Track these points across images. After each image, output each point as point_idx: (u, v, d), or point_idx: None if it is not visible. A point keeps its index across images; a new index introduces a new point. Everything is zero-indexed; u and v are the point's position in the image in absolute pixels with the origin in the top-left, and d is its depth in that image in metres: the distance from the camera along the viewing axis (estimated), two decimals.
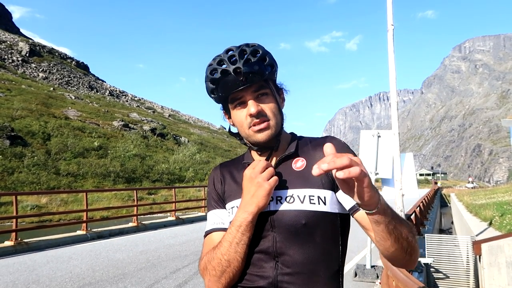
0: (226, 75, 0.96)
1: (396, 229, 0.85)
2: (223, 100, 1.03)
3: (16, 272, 5.93)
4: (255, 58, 0.97)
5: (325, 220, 0.96)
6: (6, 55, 62.13)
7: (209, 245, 1.04)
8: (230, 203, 1.06)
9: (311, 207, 0.95)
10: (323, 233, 0.96)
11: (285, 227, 0.95)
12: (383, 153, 6.05)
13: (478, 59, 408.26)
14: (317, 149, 1.03)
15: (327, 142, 0.93)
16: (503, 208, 14.91)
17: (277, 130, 1.00)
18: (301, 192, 0.97)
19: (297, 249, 0.94)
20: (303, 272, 0.94)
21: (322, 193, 0.97)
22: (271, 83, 1.02)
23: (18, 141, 26.77)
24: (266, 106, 0.99)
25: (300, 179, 0.99)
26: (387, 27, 5.54)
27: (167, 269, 6.12)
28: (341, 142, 1.04)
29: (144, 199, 23.85)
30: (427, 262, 7.13)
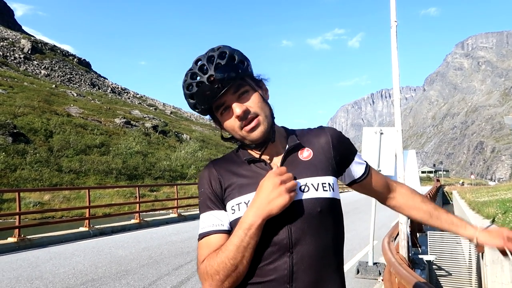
0: (202, 86, 0.95)
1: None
2: (208, 111, 1.03)
3: (20, 268, 5.96)
4: (224, 60, 0.95)
5: (334, 206, 1.00)
6: (8, 52, 62.24)
7: (206, 248, 0.97)
8: (233, 200, 1.00)
9: (325, 194, 0.98)
10: (334, 219, 1.00)
11: (301, 217, 0.95)
12: (386, 150, 6.04)
13: (481, 56, 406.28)
14: (318, 137, 1.07)
15: (327, 131, 1.09)
16: (506, 205, 14.87)
17: (269, 122, 1.00)
18: (314, 180, 0.99)
19: (312, 237, 0.95)
20: (317, 260, 0.95)
21: (330, 180, 1.01)
22: (248, 78, 1.00)
23: (20, 138, 26.86)
24: (251, 102, 0.98)
25: (310, 168, 1.01)
26: (390, 24, 5.50)
27: (170, 265, 6.14)
28: (339, 133, 1.10)
29: (146, 196, 23.92)
30: (430, 259, 7.13)
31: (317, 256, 0.95)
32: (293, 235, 0.94)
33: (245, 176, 1.02)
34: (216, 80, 0.93)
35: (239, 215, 0.97)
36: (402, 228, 5.43)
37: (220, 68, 0.94)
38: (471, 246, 8.78)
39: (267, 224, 0.93)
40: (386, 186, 1.16)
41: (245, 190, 1.00)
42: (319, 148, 1.05)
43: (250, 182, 1.00)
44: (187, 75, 0.99)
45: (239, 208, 0.98)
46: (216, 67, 0.94)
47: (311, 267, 0.94)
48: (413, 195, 1.17)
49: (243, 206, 0.98)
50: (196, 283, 5.18)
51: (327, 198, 0.98)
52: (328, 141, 1.06)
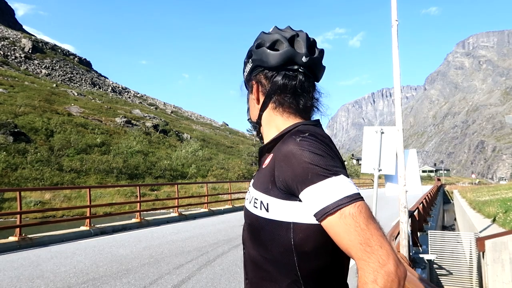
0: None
1: None
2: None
3: (21, 267, 5.97)
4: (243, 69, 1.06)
5: (267, 227, 0.88)
6: (9, 52, 62.27)
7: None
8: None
9: (253, 210, 0.92)
10: (268, 239, 0.88)
11: (246, 220, 0.99)
12: (387, 150, 6.03)
13: (482, 55, 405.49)
14: (279, 147, 0.89)
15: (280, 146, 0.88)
16: (507, 204, 14.86)
17: (257, 127, 1.05)
18: (253, 192, 0.94)
19: (251, 244, 0.96)
20: (258, 267, 0.93)
21: (266, 198, 0.88)
22: (247, 82, 1.07)
23: (21, 137, 26.89)
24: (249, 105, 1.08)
25: (260, 178, 0.93)
26: (391, 23, 5.49)
27: (170, 264, 6.14)
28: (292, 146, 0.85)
29: (146, 195, 23.94)
30: (430, 259, 7.12)
31: (257, 262, 0.93)
32: (243, 233, 1.01)
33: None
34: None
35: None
36: (403, 227, 5.43)
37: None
38: (472, 245, 8.78)
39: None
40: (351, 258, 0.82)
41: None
42: (272, 160, 0.91)
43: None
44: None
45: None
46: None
47: (254, 269, 0.95)
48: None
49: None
50: (196, 282, 5.19)
51: (255, 215, 0.91)
52: (273, 159, 0.89)
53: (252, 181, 1.00)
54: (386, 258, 0.72)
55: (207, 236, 8.94)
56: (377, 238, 0.75)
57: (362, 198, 0.79)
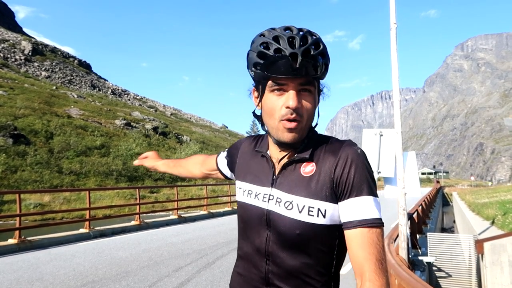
0: (280, 55, 0.87)
1: None
2: (263, 78, 0.93)
3: (20, 270, 5.96)
4: (316, 51, 0.89)
5: (321, 232, 0.92)
6: (9, 54, 62.30)
7: (211, 158, 1.37)
8: (238, 182, 1.10)
9: (309, 219, 0.91)
10: (318, 244, 0.92)
11: (279, 231, 0.94)
12: (386, 152, 6.04)
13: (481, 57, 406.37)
14: (330, 154, 0.94)
15: (342, 151, 0.93)
16: (505, 207, 14.87)
17: (304, 132, 0.95)
18: (301, 200, 0.92)
19: (289, 254, 0.94)
20: (294, 276, 0.94)
21: (323, 205, 0.91)
22: (317, 82, 0.94)
23: (21, 139, 26.87)
24: (305, 105, 0.92)
25: (304, 186, 0.93)
26: (390, 26, 5.52)
27: (170, 267, 6.14)
28: (358, 155, 0.93)
29: (146, 198, 23.91)
30: (430, 261, 7.13)
31: (294, 272, 0.94)
32: (270, 243, 0.96)
33: (254, 167, 1.06)
34: (297, 61, 0.86)
35: (238, 198, 1.08)
36: (402, 229, 5.44)
37: (308, 54, 0.87)
38: (471, 248, 8.78)
39: (253, 224, 0.99)
40: (358, 267, 0.87)
41: (249, 179, 1.06)
42: (325, 167, 0.93)
43: (254, 173, 1.05)
44: (269, 33, 0.91)
45: (238, 192, 1.08)
46: (305, 50, 0.87)
47: (287, 280, 0.94)
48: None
49: (241, 192, 1.06)
50: (196, 284, 5.19)
51: (310, 223, 0.91)
52: (334, 163, 0.93)
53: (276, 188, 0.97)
54: (388, 280, 0.86)
55: (207, 239, 8.94)
56: (386, 262, 0.89)
57: (384, 225, 0.92)
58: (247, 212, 1.02)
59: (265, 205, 0.97)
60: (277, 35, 0.89)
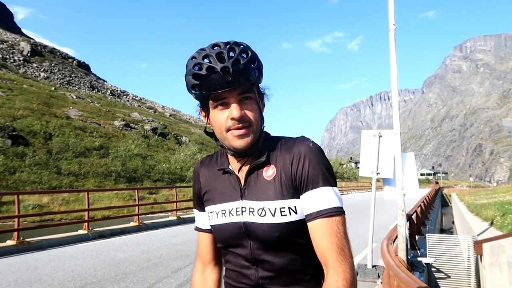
0: (212, 72, 0.91)
1: None
2: (204, 98, 0.98)
3: (18, 271, 5.95)
4: (244, 59, 0.92)
5: (298, 228, 0.95)
6: (7, 55, 62.23)
7: (198, 241, 1.18)
8: (209, 207, 1.07)
9: (283, 219, 0.94)
10: (298, 239, 0.96)
11: (260, 238, 0.96)
12: (384, 153, 6.05)
13: (479, 58, 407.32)
14: (285, 153, 0.98)
15: (295, 148, 0.96)
16: (504, 208, 14.89)
17: (256, 137, 0.97)
18: (271, 204, 0.95)
19: (275, 256, 0.96)
20: (284, 275, 0.97)
21: (292, 202, 0.95)
22: (255, 87, 0.98)
23: (19, 140, 26.82)
24: (249, 111, 0.95)
25: (270, 189, 0.96)
26: (388, 27, 5.53)
27: (169, 268, 6.13)
28: (310, 149, 0.96)
29: (145, 199, 23.85)
30: (428, 262, 7.13)
31: (283, 271, 0.97)
32: (255, 251, 0.98)
33: (220, 185, 1.05)
34: (229, 73, 0.90)
35: (211, 223, 1.06)
36: (401, 230, 5.44)
37: (238, 64, 0.91)
38: (470, 249, 8.79)
39: (234, 238, 1.00)
40: (322, 257, 0.91)
41: (218, 199, 1.04)
42: (283, 166, 0.97)
43: (222, 192, 1.04)
44: (199, 53, 0.95)
45: (212, 216, 1.05)
46: (235, 61, 0.91)
47: (277, 280, 0.97)
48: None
49: (214, 215, 1.04)
50: None
51: (285, 223, 0.94)
52: (290, 159, 0.96)
53: (245, 199, 0.98)
54: (353, 266, 0.89)
55: None
56: (349, 249, 0.91)
57: (345, 213, 0.94)
58: (225, 232, 1.02)
59: (240, 219, 0.99)
60: (206, 54, 0.94)
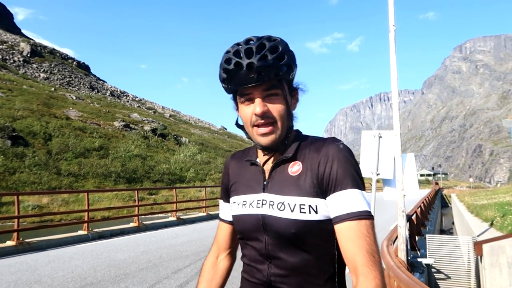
0: (239, 68, 0.93)
1: None
2: (233, 92, 1.00)
3: (18, 272, 5.94)
4: (273, 55, 0.92)
5: (316, 228, 0.93)
6: (7, 56, 62.25)
7: (218, 230, 1.21)
8: (232, 198, 1.09)
9: (301, 216, 0.93)
10: (315, 239, 0.94)
11: (276, 233, 0.96)
12: (384, 154, 6.05)
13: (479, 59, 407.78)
14: (314, 152, 0.97)
15: (324, 148, 0.96)
16: (504, 208, 14.90)
17: (282, 134, 0.97)
18: (292, 200, 0.94)
19: (289, 253, 0.95)
20: (296, 275, 0.95)
21: (313, 201, 0.93)
22: (285, 83, 0.97)
23: (19, 141, 26.82)
24: (274, 108, 0.95)
25: (293, 185, 0.96)
26: (388, 28, 5.54)
27: (169, 269, 6.13)
28: (340, 150, 0.95)
29: (145, 200, 23.86)
30: (428, 263, 7.12)
31: (296, 271, 0.95)
32: (269, 247, 0.98)
33: (245, 177, 1.07)
34: (254, 69, 0.91)
35: (233, 213, 1.07)
36: (401, 231, 5.44)
37: (264, 60, 0.91)
38: (470, 249, 8.79)
39: (251, 230, 1.00)
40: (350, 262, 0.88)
41: (242, 191, 1.06)
42: (311, 164, 0.96)
43: (246, 183, 1.06)
44: (232, 47, 0.97)
45: (233, 207, 1.07)
46: (261, 57, 0.91)
47: (289, 279, 0.96)
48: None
49: (236, 206, 1.06)
50: (194, 287, 5.18)
51: (304, 220, 0.92)
52: (319, 158, 0.96)
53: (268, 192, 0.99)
54: (383, 272, 0.85)
55: (205, 240, 8.92)
56: (379, 253, 0.88)
57: (373, 218, 0.92)
58: (243, 223, 1.03)
59: (259, 211, 0.99)
60: (237, 49, 0.95)
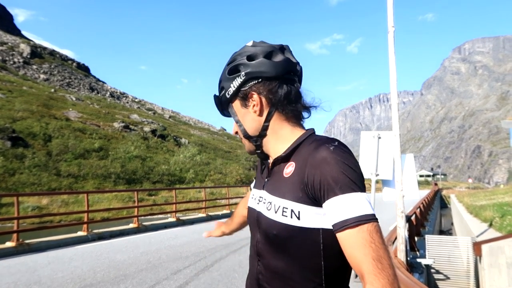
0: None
1: None
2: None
3: (18, 273, 5.94)
4: (220, 84, 1.05)
5: (298, 235, 0.88)
6: (7, 57, 62.24)
7: (244, 200, 1.38)
8: (252, 190, 1.16)
9: (282, 220, 0.90)
10: (297, 246, 0.89)
11: (263, 231, 0.97)
12: (384, 154, 6.07)
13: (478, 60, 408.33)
14: (305, 155, 0.91)
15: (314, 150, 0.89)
16: (503, 209, 14.93)
17: (246, 143, 1.06)
18: (277, 201, 0.93)
19: (272, 255, 0.95)
20: (278, 279, 0.93)
21: (297, 207, 0.88)
22: (232, 103, 1.04)
23: (19, 142, 26.80)
24: (234, 125, 1.06)
25: (283, 187, 0.94)
26: (387, 29, 5.56)
27: (168, 270, 6.13)
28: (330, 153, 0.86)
29: (144, 200, 23.85)
30: (428, 263, 7.14)
31: (278, 275, 0.93)
32: (259, 244, 0.99)
33: (259, 172, 1.14)
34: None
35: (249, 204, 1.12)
36: (400, 232, 5.46)
37: (217, 93, 1.08)
38: (469, 250, 8.80)
39: (250, 224, 1.08)
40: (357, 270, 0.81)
41: (255, 185, 1.14)
42: (300, 167, 0.91)
43: (259, 178, 1.13)
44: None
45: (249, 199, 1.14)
46: (219, 85, 1.07)
47: (272, 281, 0.95)
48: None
49: (250, 197, 1.13)
50: (194, 287, 5.18)
51: (284, 224, 0.89)
52: (307, 161, 0.89)
53: (265, 189, 1.01)
54: (393, 278, 0.77)
55: (205, 241, 8.92)
56: (388, 259, 0.79)
57: (377, 220, 0.84)
58: (248, 215, 1.11)
59: (257, 207, 1.03)
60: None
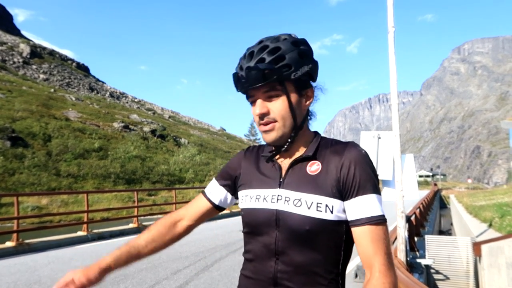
0: (241, 71, 0.98)
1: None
2: (244, 94, 1.04)
3: (18, 273, 5.94)
4: (271, 57, 0.94)
5: (329, 228, 0.96)
6: (7, 57, 62.20)
7: (195, 200, 1.22)
8: (243, 191, 1.10)
9: (317, 215, 0.95)
10: (326, 239, 0.96)
11: (289, 229, 0.97)
12: (384, 155, 6.08)
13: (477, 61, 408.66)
14: (335, 154, 1.00)
15: (347, 151, 0.99)
16: (502, 209, 14.94)
17: (284, 132, 0.99)
18: (309, 197, 0.96)
19: (298, 251, 0.96)
20: (302, 273, 0.96)
21: (330, 201, 0.96)
22: (289, 83, 0.97)
23: (19, 142, 26.79)
24: (274, 108, 0.98)
25: (312, 184, 0.98)
26: (387, 29, 5.57)
27: (168, 270, 6.14)
28: (363, 156, 0.99)
29: (144, 200, 23.85)
30: (427, 263, 7.15)
31: (302, 270, 0.96)
32: (279, 243, 0.98)
33: (260, 172, 1.09)
34: (251, 73, 0.95)
35: (243, 206, 1.08)
36: (400, 232, 5.46)
37: (261, 63, 0.94)
38: (469, 250, 8.81)
39: (262, 225, 1.01)
40: (367, 261, 0.93)
41: (255, 185, 1.08)
42: (331, 166, 0.98)
43: (261, 178, 1.07)
44: (245, 52, 1.02)
45: (245, 200, 1.08)
46: (258, 61, 0.95)
47: (295, 277, 0.96)
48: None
49: (248, 199, 1.07)
50: (194, 287, 5.19)
51: (319, 218, 0.95)
52: (340, 162, 0.98)
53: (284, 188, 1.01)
54: (396, 274, 0.92)
55: (205, 241, 8.93)
56: (393, 255, 0.95)
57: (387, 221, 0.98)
58: (255, 216, 1.04)
59: (273, 206, 1.00)
60: (245, 53, 1.00)
